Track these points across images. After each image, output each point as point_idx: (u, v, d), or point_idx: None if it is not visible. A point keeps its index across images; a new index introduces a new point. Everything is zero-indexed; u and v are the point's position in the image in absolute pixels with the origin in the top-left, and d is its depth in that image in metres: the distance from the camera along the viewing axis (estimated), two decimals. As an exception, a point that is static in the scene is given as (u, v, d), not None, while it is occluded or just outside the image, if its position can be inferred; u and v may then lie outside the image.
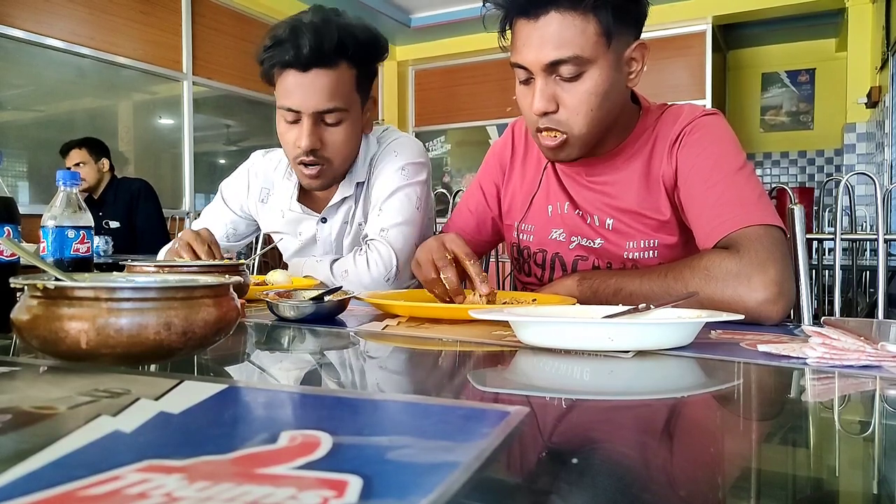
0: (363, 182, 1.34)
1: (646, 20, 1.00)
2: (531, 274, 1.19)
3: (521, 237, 1.19)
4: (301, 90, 1.17)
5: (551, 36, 0.92)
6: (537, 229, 1.16)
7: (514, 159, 1.22)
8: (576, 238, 1.11)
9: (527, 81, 0.98)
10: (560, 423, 0.42)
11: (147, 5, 4.09)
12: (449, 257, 0.91)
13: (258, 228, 1.49)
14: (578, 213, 1.10)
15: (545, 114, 0.96)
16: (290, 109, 1.19)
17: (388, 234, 1.25)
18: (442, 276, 0.91)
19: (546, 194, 1.14)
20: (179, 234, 1.19)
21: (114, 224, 3.27)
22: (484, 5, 1.00)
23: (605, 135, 1.02)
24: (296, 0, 5.01)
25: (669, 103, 1.09)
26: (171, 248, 1.26)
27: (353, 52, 1.17)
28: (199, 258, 1.09)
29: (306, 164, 1.23)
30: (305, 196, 1.37)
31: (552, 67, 0.93)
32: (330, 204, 1.33)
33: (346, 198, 1.33)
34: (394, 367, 0.64)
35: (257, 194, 1.42)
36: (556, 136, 0.97)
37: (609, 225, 1.07)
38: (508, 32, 1.00)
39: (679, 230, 1.04)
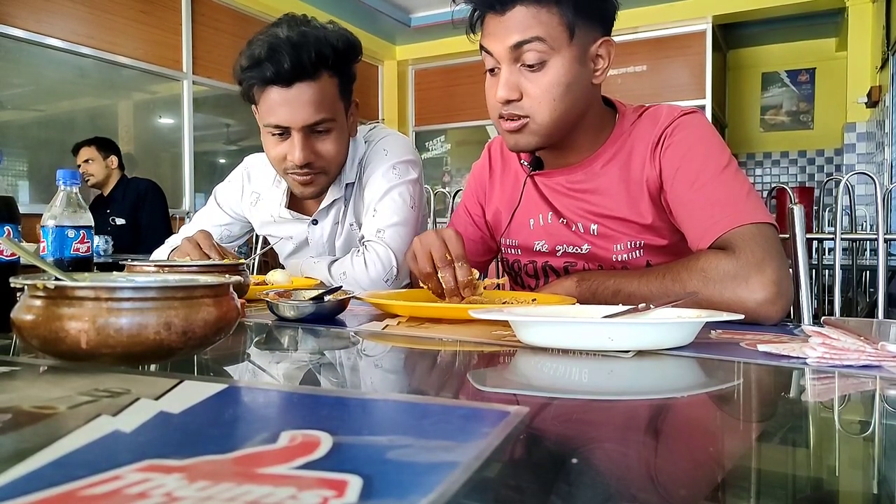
0: (353, 183, 1.33)
1: (615, 19, 1.02)
2: (525, 286, 1.20)
3: (507, 252, 1.21)
4: (287, 106, 1.15)
5: (516, 24, 0.96)
6: (521, 243, 1.16)
7: (493, 177, 1.23)
8: (561, 247, 1.11)
9: (493, 71, 1.01)
10: (560, 423, 0.42)
11: (147, 5, 4.08)
12: (448, 258, 0.91)
13: (252, 230, 1.49)
14: (562, 221, 1.10)
15: (508, 101, 0.98)
16: (277, 126, 1.17)
17: (384, 234, 1.25)
18: (439, 275, 0.91)
19: (527, 208, 1.14)
20: (179, 245, 1.19)
21: (119, 221, 3.34)
22: (454, 1, 1.03)
23: (571, 132, 1.02)
24: (296, 0, 5.02)
25: (647, 105, 1.09)
26: (170, 254, 1.26)
27: (332, 60, 1.16)
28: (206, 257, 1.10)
29: (299, 175, 1.22)
30: (295, 202, 1.38)
31: (516, 52, 0.96)
32: (321, 207, 1.33)
33: (336, 199, 1.33)
34: (394, 366, 0.64)
35: (249, 197, 1.42)
36: (516, 120, 0.99)
37: (594, 230, 1.07)
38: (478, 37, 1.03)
39: (667, 232, 1.03)
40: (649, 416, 0.45)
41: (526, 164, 1.14)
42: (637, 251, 1.05)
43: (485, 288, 0.95)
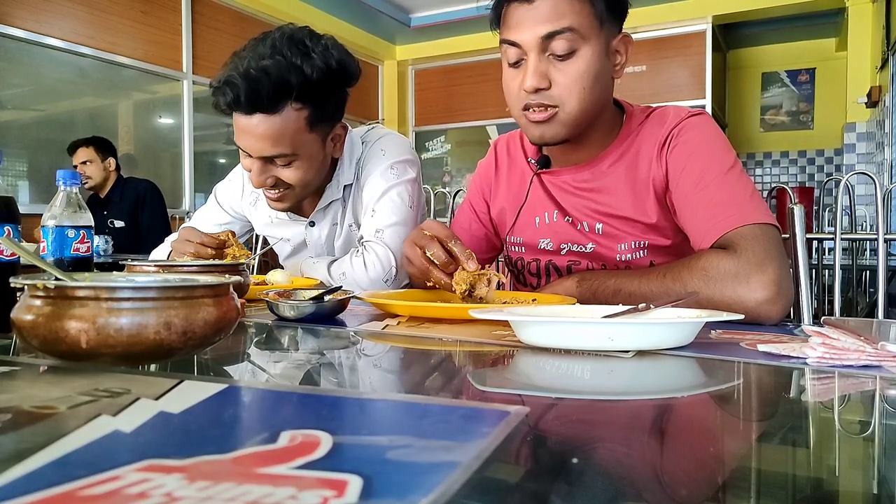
0: (350, 184, 1.33)
1: (627, 15, 1.02)
2: (527, 284, 1.20)
3: (512, 249, 1.20)
4: (247, 134, 1.13)
5: (547, 12, 0.94)
6: (525, 241, 1.16)
7: (499, 175, 1.23)
8: (566, 245, 1.11)
9: (517, 64, 0.99)
10: (560, 423, 0.42)
11: (147, 5, 4.08)
12: (430, 235, 0.92)
13: (252, 229, 1.49)
14: (568, 219, 1.10)
15: (537, 91, 0.96)
16: (240, 148, 1.17)
17: (383, 234, 1.25)
18: (427, 252, 0.91)
19: (533, 206, 1.14)
20: (173, 240, 1.19)
21: (118, 223, 3.31)
22: None
23: (588, 126, 1.01)
24: (296, 0, 5.02)
25: (664, 105, 1.09)
26: (169, 252, 1.26)
27: (299, 93, 1.10)
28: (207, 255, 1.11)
29: (265, 191, 1.22)
30: None
31: (546, 43, 0.94)
32: (317, 209, 1.33)
33: (333, 201, 1.33)
34: (393, 366, 0.64)
35: (249, 197, 1.42)
36: (545, 110, 0.97)
37: (599, 229, 1.07)
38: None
39: (671, 233, 1.04)
40: (649, 416, 0.45)
41: (533, 161, 1.14)
42: (641, 251, 1.05)
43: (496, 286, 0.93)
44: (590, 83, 0.96)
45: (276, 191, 1.21)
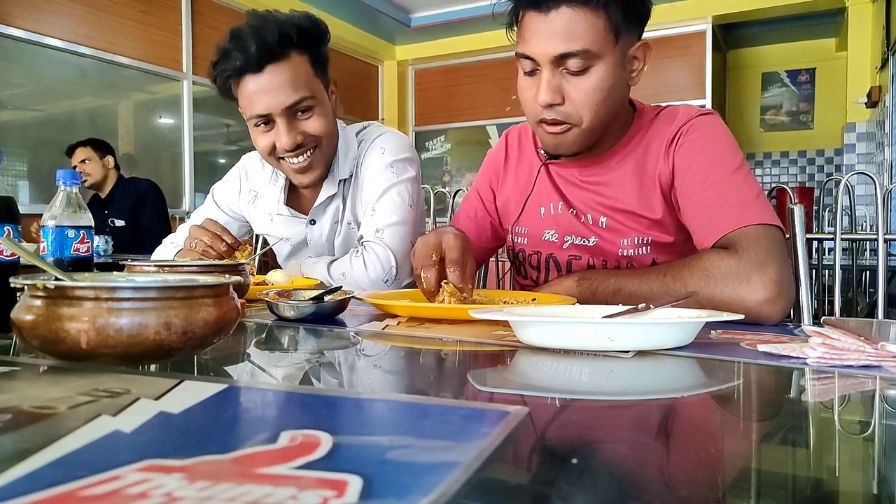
0: (347, 179, 1.33)
1: (648, 19, 1.00)
2: (527, 276, 1.20)
3: (515, 240, 1.21)
4: (263, 93, 1.16)
5: (561, 29, 0.92)
6: (530, 231, 1.17)
7: (508, 164, 1.23)
8: (569, 238, 1.11)
9: (532, 73, 0.98)
10: (560, 423, 0.42)
11: (147, 5, 4.08)
12: (434, 258, 0.92)
13: (251, 229, 1.49)
14: (572, 211, 1.11)
15: (550, 106, 0.96)
16: (260, 116, 1.18)
17: (383, 234, 1.25)
18: (422, 274, 0.92)
19: (539, 196, 1.15)
20: (189, 231, 1.19)
21: (119, 223, 3.31)
22: None
23: (603, 133, 1.02)
24: (296, 0, 5.01)
25: (664, 104, 1.10)
26: (182, 249, 1.25)
27: (298, 38, 1.17)
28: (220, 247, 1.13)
29: (294, 159, 1.23)
30: (292, 198, 1.38)
31: (560, 60, 0.94)
32: (316, 204, 1.33)
33: (332, 196, 1.33)
34: (393, 366, 0.64)
35: (247, 196, 1.42)
36: (559, 125, 0.98)
37: (603, 223, 1.08)
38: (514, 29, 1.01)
39: (674, 230, 1.04)
40: (649, 416, 0.45)
41: (543, 151, 1.14)
42: (644, 247, 1.05)
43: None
44: (602, 98, 0.96)
45: (305, 155, 1.22)
